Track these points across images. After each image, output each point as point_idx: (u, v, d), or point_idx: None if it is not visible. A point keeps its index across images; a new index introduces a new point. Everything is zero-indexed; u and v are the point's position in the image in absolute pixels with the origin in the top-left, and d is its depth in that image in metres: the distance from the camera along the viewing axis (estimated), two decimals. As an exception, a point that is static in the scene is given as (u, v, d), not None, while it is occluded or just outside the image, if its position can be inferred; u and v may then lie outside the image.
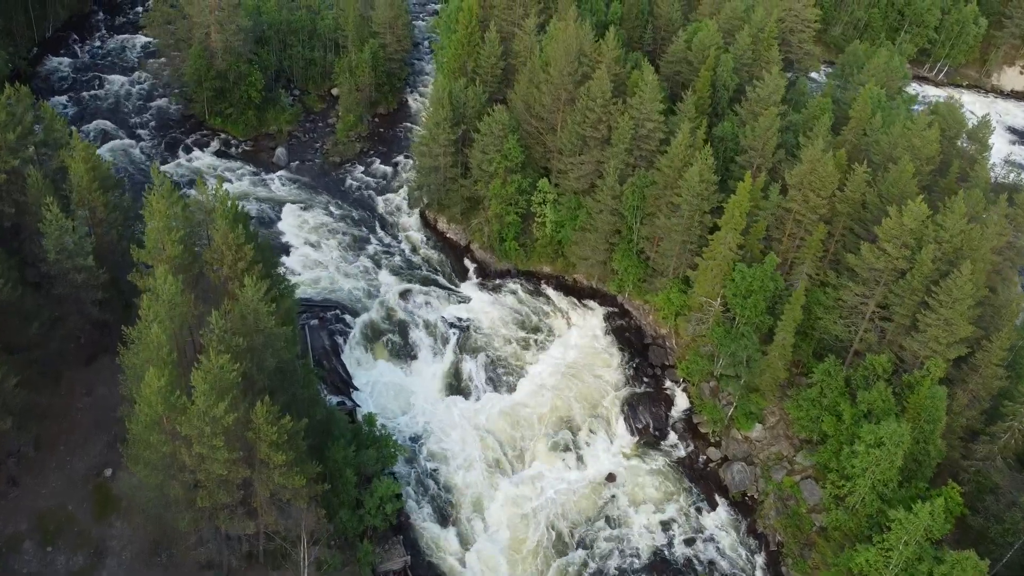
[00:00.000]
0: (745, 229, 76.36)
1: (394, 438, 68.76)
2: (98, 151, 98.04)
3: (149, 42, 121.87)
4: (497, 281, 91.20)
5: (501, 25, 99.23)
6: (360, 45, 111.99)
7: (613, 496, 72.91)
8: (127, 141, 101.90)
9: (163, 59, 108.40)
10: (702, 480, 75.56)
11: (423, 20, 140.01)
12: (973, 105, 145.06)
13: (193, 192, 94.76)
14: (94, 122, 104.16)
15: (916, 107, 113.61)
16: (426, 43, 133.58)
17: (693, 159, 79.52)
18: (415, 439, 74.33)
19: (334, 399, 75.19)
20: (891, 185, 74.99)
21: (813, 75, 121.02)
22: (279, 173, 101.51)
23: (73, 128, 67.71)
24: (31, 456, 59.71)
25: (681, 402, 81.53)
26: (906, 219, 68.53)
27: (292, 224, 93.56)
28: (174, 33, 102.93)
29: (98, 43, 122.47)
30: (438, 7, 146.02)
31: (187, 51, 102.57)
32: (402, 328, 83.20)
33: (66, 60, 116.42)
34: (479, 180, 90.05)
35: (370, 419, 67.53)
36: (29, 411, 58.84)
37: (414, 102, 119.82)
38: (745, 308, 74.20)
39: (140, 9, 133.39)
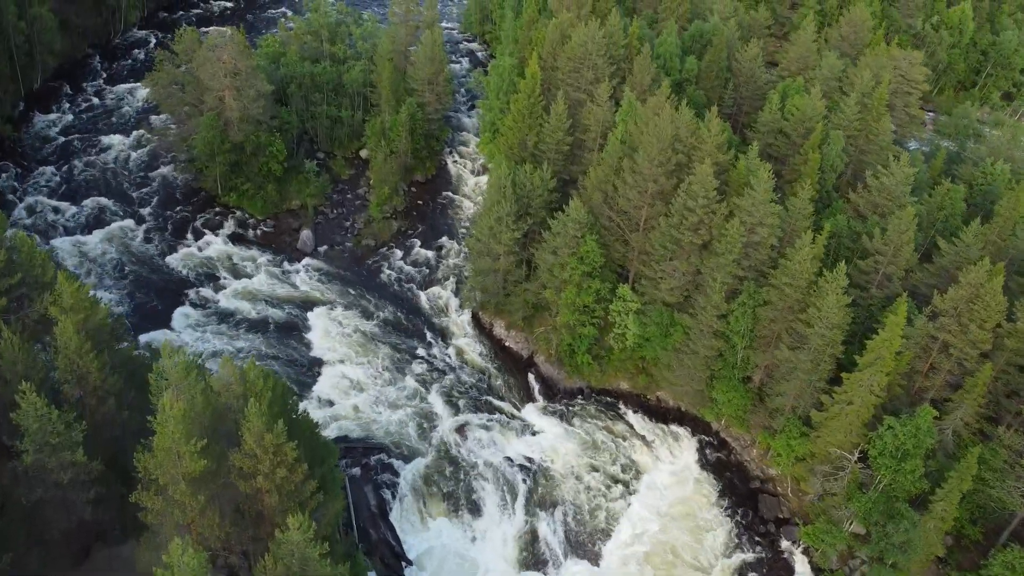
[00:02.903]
0: (886, 365, 61.97)
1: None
2: (93, 236, 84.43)
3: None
4: (567, 403, 76.61)
5: (567, 91, 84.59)
6: (395, 104, 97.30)
7: None
8: (127, 224, 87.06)
9: (167, 116, 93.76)
10: None
11: (456, 63, 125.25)
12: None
13: (206, 292, 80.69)
14: (88, 199, 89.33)
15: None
16: (462, 89, 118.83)
17: (816, 270, 65.28)
18: (486, 635, 59.88)
19: (385, 583, 60.70)
20: (1078, 320, 60.54)
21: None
22: (305, 262, 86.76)
23: (59, 270, 52.77)
24: None
25: (802, 569, 66.95)
26: (1117, 378, 54.07)
27: (322, 331, 78.85)
28: (182, 98, 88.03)
29: (93, 95, 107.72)
30: (474, 46, 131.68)
31: (196, 117, 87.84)
32: (462, 475, 68.60)
33: (56, 118, 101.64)
34: (548, 285, 75.39)
35: (439, 636, 53.01)
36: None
37: (453, 165, 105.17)
38: (898, 473, 59.66)
39: (141, 52, 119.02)
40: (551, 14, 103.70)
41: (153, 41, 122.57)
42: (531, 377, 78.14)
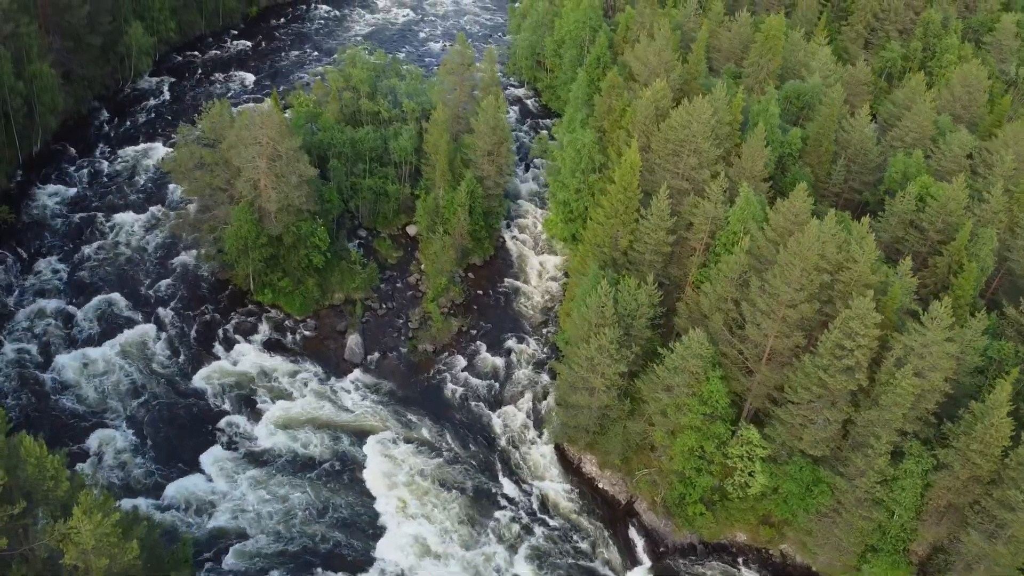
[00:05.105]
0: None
1: None
2: (104, 348, 71.46)
3: (170, 154, 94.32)
4: (678, 562, 63.91)
5: (664, 178, 71.94)
6: (451, 178, 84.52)
7: None
8: (144, 330, 74.08)
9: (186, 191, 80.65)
10: None
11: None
12: None
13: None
14: (98, 298, 76.29)
15: None
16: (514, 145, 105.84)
17: (1011, 431, 52.72)
18: None
19: None
20: None
21: None
22: (353, 376, 73.85)
23: (77, 484, 39.92)
24: None
25: None
26: None
27: (380, 471, 65.98)
28: (209, 181, 75.03)
29: (101, 158, 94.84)
30: (521, 92, 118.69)
31: (225, 204, 75.01)
32: (564, 676, 55.93)
33: (59, 189, 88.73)
34: (659, 426, 62.69)
35: None
36: None
37: (512, 241, 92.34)
38: None
39: (152, 102, 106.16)
40: (625, 67, 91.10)
41: (166, 89, 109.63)
42: (632, 530, 65.43)
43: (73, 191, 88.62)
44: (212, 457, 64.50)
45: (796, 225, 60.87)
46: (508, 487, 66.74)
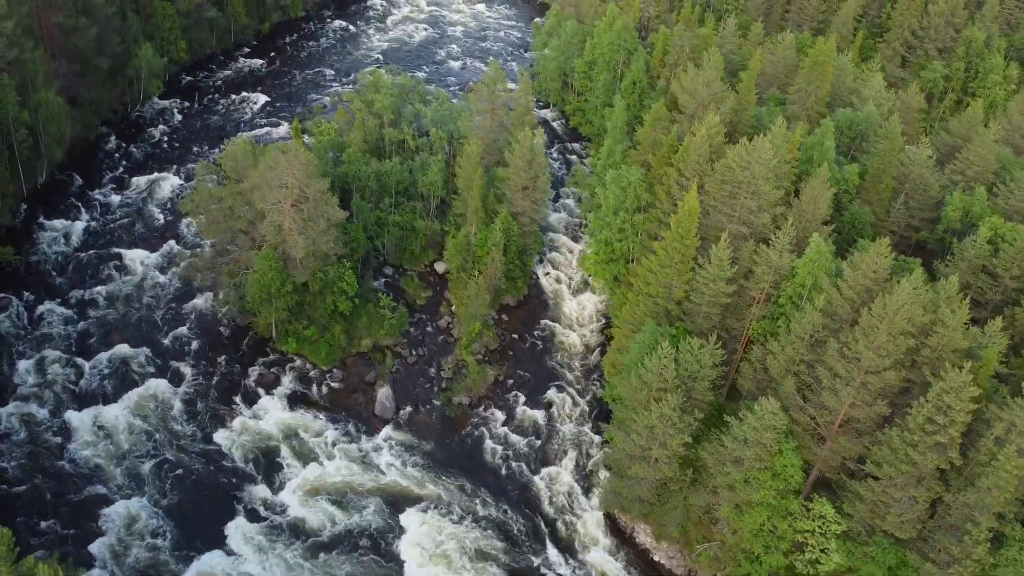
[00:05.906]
0: None
1: None
2: (117, 406, 66.50)
3: (183, 186, 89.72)
4: (742, 645, 58.89)
5: (719, 221, 67.02)
6: (485, 215, 79.55)
7: None
8: (159, 385, 68.85)
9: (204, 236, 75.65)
10: None
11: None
12: None
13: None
14: (110, 350, 70.92)
15: None
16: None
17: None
18: None
19: None
20: None
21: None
22: (385, 434, 68.73)
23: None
24: None
25: None
26: None
27: (418, 542, 60.89)
28: (228, 224, 69.91)
29: (110, 190, 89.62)
30: (548, 114, 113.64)
31: (247, 249, 69.89)
32: None
33: (65, 225, 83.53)
34: (725, 499, 57.63)
35: None
36: None
37: (546, 278, 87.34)
38: None
39: (163, 127, 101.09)
40: (663, 93, 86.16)
41: (177, 112, 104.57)
42: (692, 608, 60.49)
43: (80, 227, 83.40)
44: (238, 529, 59.34)
45: (876, 283, 55.92)
46: (556, 559, 61.65)
